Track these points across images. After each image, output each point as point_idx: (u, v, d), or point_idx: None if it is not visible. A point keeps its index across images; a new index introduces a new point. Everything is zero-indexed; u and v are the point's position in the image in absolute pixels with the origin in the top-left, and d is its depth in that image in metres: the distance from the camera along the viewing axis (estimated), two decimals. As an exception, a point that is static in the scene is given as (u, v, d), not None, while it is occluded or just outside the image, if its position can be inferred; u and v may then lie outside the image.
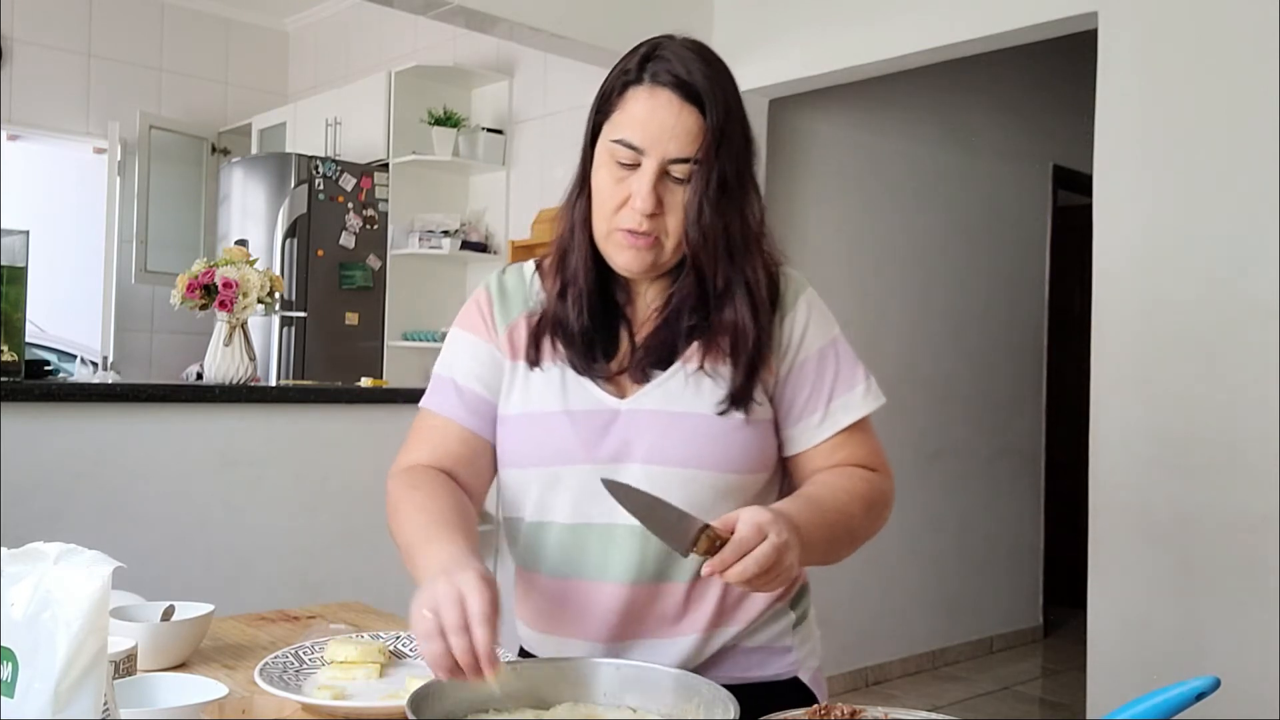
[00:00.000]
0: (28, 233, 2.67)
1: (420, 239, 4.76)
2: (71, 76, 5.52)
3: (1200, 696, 0.82)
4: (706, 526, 0.97)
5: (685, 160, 1.11)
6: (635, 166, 1.12)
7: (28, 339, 2.61)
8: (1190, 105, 2.71)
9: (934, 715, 0.95)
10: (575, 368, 1.18)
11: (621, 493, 1.00)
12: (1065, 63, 4.19)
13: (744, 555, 0.96)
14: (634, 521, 1.08)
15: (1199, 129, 2.69)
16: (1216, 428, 2.64)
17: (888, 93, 4.09)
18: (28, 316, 2.57)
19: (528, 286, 1.25)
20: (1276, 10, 2.54)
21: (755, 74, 3.61)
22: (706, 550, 0.97)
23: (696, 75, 1.11)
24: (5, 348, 2.46)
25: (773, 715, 0.96)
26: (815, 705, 0.99)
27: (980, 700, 4.08)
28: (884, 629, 4.27)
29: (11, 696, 0.76)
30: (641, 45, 1.16)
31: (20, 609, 0.77)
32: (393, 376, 4.78)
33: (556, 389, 1.18)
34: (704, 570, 0.97)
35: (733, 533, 0.97)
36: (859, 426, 1.23)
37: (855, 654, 4.18)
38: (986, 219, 4.73)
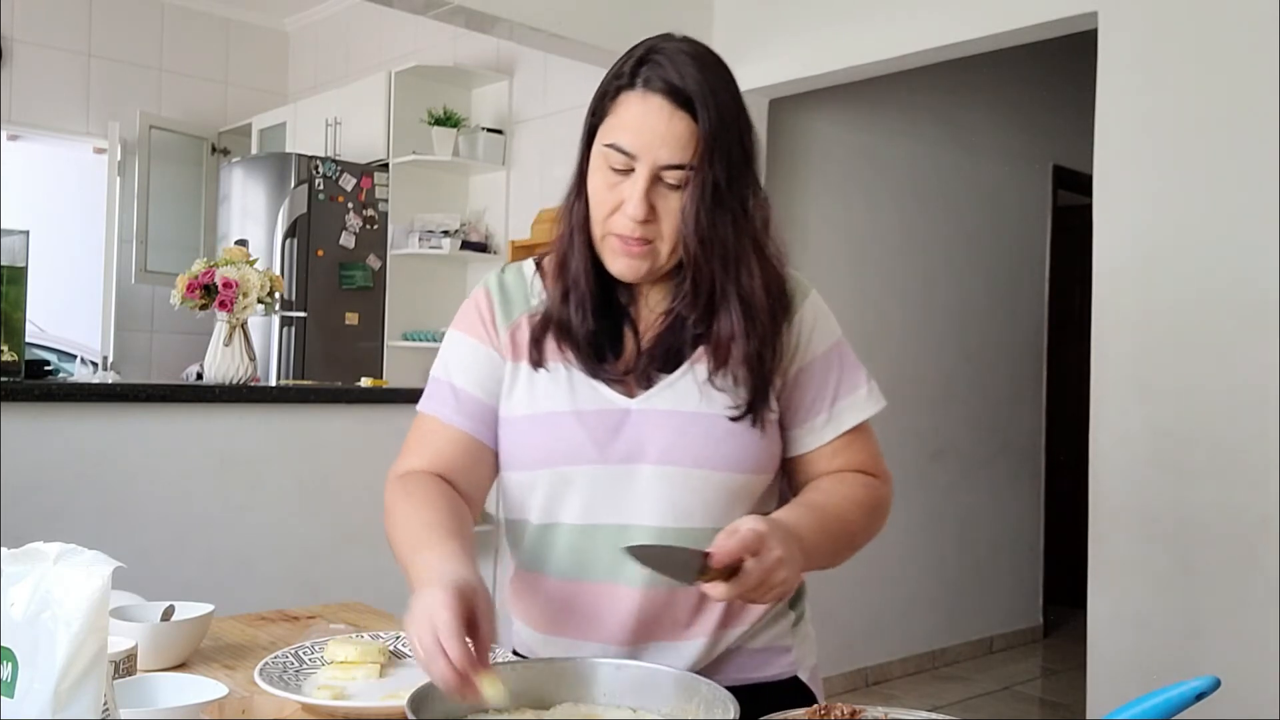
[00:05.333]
0: (28, 233, 2.67)
1: (420, 239, 4.76)
2: (71, 76, 5.52)
3: (1200, 696, 0.82)
4: (706, 555, 0.97)
5: (678, 167, 1.09)
6: (628, 172, 1.10)
7: (28, 339, 2.61)
8: (1190, 105, 2.71)
9: (934, 715, 0.95)
10: (582, 369, 1.17)
11: (639, 554, 0.99)
12: (1065, 63, 4.19)
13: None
14: (648, 523, 1.14)
15: (1199, 129, 2.69)
16: (1217, 428, 2.64)
17: (888, 93, 4.09)
18: (28, 316, 2.57)
19: (528, 285, 1.24)
20: (1276, 10, 2.54)
21: (755, 74, 3.61)
22: (709, 576, 0.97)
23: (689, 80, 1.09)
24: (5, 348, 2.46)
25: (773, 715, 0.96)
26: (815, 705, 0.99)
27: (980, 700, 4.07)
28: (884, 629, 4.27)
29: (11, 696, 0.76)
30: (638, 47, 1.14)
31: (20, 609, 0.77)
32: (393, 376, 4.78)
33: (564, 389, 1.17)
34: (707, 590, 0.98)
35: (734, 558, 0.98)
36: (860, 430, 1.23)
37: (855, 654, 4.18)
38: (986, 219, 4.72)
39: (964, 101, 4.56)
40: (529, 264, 1.26)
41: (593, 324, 1.17)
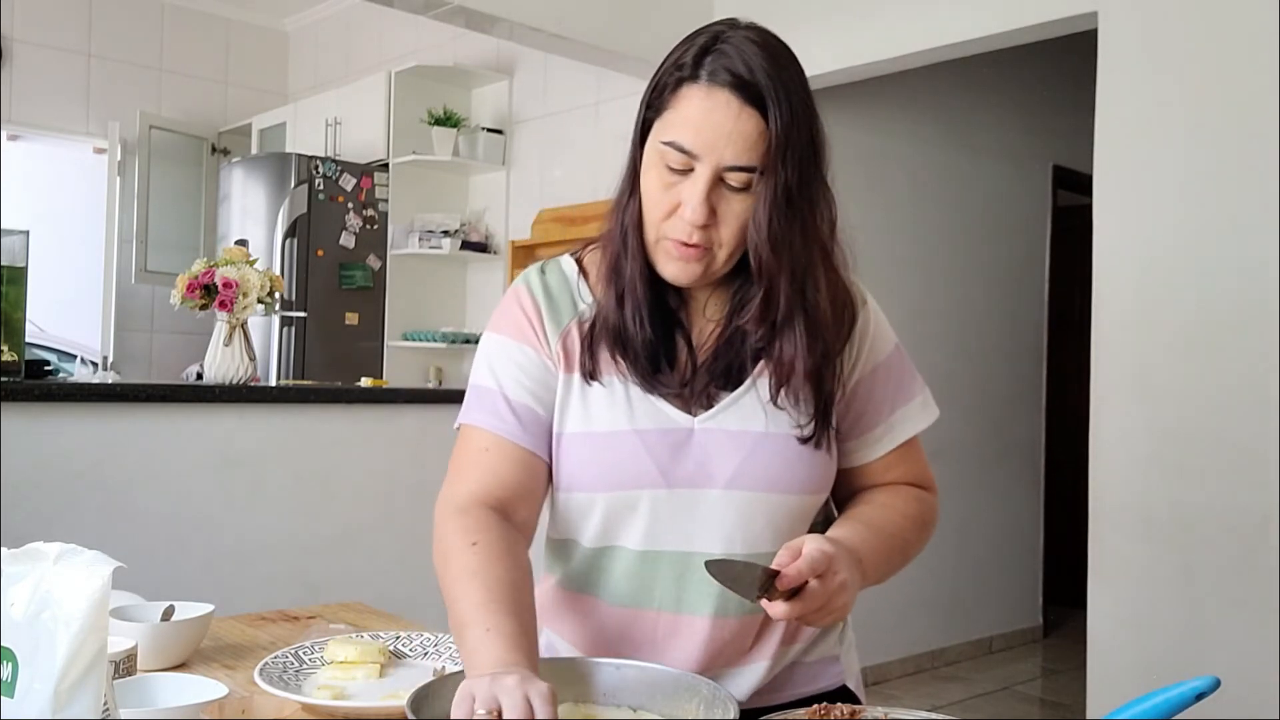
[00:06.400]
0: (28, 233, 2.67)
1: (420, 239, 4.76)
2: (71, 76, 5.52)
3: (1200, 696, 0.82)
4: (776, 573, 0.93)
5: (742, 168, 1.00)
6: (687, 171, 1.01)
7: (28, 339, 2.61)
8: (1190, 105, 2.71)
9: (934, 715, 0.95)
10: (639, 382, 1.09)
11: (713, 568, 0.93)
12: (1065, 63, 4.19)
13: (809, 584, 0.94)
14: (714, 550, 1.08)
15: (1199, 128, 2.69)
16: (1216, 428, 2.64)
17: (887, 92, 4.09)
18: (28, 316, 2.57)
19: (574, 287, 1.14)
20: (1276, 10, 2.54)
21: (755, 74, 3.61)
22: (772, 594, 0.94)
23: (759, 74, 0.99)
24: (5, 348, 2.46)
25: (773, 716, 0.96)
26: (815, 705, 0.99)
27: (980, 700, 4.07)
28: (884, 629, 4.27)
29: (11, 696, 0.76)
30: (699, 34, 1.04)
31: (20, 609, 0.77)
32: (393, 376, 4.78)
33: (621, 406, 1.09)
34: (767, 607, 0.94)
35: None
36: (912, 441, 1.20)
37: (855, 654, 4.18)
38: (986, 219, 4.72)
39: (964, 101, 4.56)
40: (568, 262, 1.17)
41: (650, 333, 1.08)
